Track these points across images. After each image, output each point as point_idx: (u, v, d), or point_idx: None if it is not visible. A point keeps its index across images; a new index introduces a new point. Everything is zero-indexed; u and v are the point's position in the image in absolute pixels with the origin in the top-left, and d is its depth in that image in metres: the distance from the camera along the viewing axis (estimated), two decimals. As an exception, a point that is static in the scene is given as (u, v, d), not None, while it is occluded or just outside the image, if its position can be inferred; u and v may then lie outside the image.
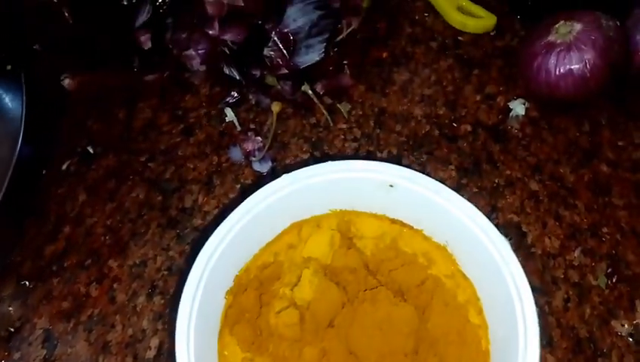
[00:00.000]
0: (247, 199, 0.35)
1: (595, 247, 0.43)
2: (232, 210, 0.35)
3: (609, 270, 0.42)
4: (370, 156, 0.48)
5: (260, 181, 0.47)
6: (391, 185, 0.36)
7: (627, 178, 0.46)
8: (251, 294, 0.36)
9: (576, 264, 0.43)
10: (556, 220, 0.45)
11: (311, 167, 0.36)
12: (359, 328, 0.34)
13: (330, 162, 0.36)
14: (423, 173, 0.47)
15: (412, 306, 0.35)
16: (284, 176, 0.36)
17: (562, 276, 0.42)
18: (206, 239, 0.35)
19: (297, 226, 0.39)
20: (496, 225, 0.44)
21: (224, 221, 0.35)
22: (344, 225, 0.39)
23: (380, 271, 0.37)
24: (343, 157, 0.48)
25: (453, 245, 0.37)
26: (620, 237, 0.44)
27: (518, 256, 0.43)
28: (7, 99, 0.47)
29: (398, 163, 0.47)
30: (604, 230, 0.44)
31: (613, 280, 0.42)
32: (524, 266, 0.42)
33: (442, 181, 0.47)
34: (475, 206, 0.45)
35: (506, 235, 0.44)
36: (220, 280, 0.35)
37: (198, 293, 0.33)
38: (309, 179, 0.36)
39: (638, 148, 0.48)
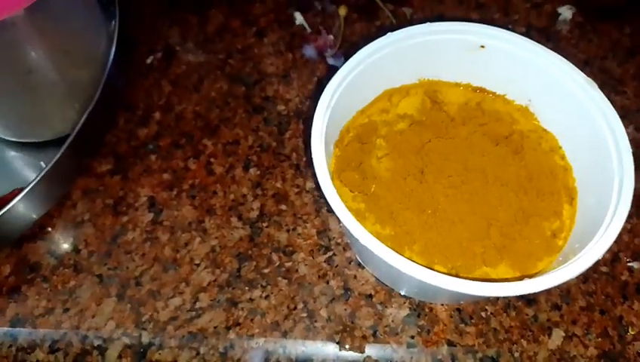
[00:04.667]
0: (350, 59, 0.38)
1: (647, 125, 0.48)
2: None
3: (661, 140, 0.47)
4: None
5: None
6: (482, 46, 0.40)
7: (668, 69, 0.51)
8: (355, 145, 0.39)
9: (631, 138, 0.47)
10: (609, 103, 0.49)
11: (409, 27, 0.39)
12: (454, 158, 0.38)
13: (428, 23, 0.39)
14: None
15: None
16: (388, 34, 0.39)
17: (620, 147, 0.46)
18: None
19: (388, 94, 0.42)
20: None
21: (334, 75, 0.38)
22: (432, 94, 0.43)
23: (470, 125, 0.41)
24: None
25: (536, 103, 0.41)
26: (668, 117, 0.48)
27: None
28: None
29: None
30: (653, 111, 0.49)
31: (666, 150, 0.46)
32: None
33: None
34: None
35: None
36: (329, 133, 0.38)
37: (323, 133, 0.35)
38: (410, 39, 0.39)
39: (676, 43, 0.53)
